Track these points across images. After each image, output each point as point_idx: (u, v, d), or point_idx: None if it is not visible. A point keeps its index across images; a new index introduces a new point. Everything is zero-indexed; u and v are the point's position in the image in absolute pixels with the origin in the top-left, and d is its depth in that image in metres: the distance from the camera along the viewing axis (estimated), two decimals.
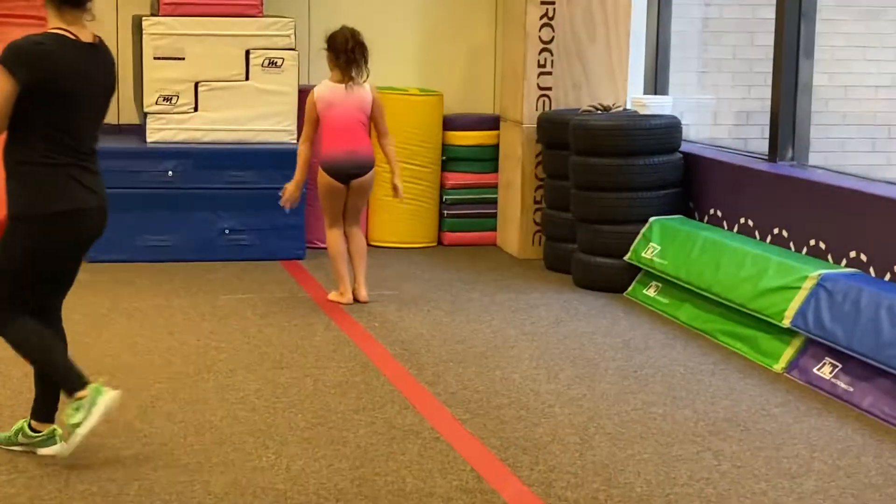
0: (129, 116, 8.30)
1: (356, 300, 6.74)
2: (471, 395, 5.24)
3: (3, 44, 4.65)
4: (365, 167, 6.67)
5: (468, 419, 4.93)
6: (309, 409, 5.00)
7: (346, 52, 6.60)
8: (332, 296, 6.80)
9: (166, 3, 7.75)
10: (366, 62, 6.66)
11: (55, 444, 4.40)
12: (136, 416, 4.84)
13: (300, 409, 4.99)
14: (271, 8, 8.20)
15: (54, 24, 4.24)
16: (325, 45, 6.69)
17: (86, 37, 4.27)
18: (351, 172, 6.64)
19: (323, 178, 6.67)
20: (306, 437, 4.67)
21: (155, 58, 7.75)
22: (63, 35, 4.20)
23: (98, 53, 4.31)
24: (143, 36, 7.72)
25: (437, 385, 5.37)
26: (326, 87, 6.68)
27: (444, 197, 8.55)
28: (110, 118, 8.22)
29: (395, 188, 6.81)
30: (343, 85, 6.63)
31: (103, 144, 8.40)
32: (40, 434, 4.43)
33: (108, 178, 4.19)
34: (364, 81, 6.69)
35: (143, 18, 7.78)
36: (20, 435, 4.45)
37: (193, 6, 7.78)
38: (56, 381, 4.32)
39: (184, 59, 7.78)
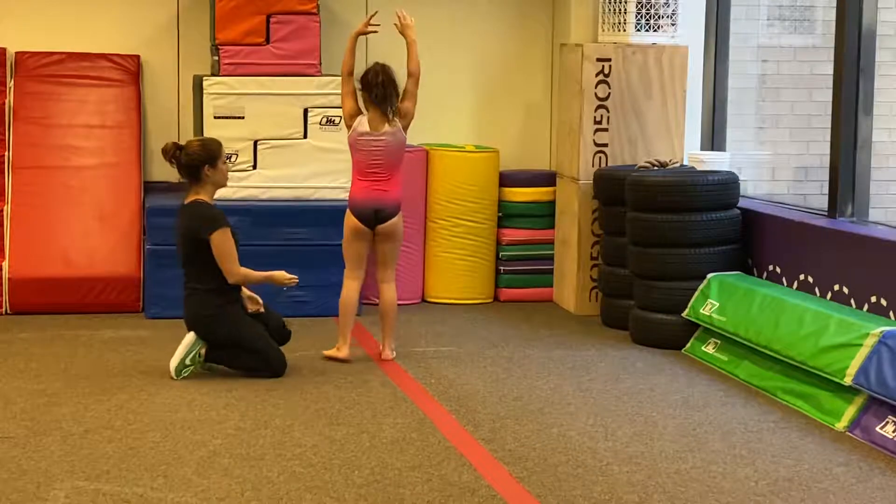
0: None
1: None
2: (528, 453, 5.20)
3: (72, 103, 4.75)
4: (388, 211, 6.60)
5: (525, 477, 4.90)
6: (365, 465, 4.99)
7: (377, 87, 6.51)
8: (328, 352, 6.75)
9: (226, 64, 7.87)
10: (398, 97, 6.56)
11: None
12: (194, 472, 4.86)
13: (357, 466, 4.98)
14: (329, 66, 8.30)
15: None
16: (359, 85, 6.60)
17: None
18: (377, 216, 6.58)
19: (349, 219, 6.65)
20: (363, 494, 4.66)
21: (215, 117, 7.85)
22: None
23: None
24: (204, 95, 7.84)
25: (493, 442, 5.34)
26: (363, 123, 6.60)
27: (501, 253, 8.56)
28: (170, 177, 8.41)
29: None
30: (378, 122, 6.55)
31: (163, 202, 8.46)
32: None
33: (167, 234, 4.27)
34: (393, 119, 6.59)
35: (204, 78, 7.90)
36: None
37: (253, 66, 7.89)
38: None
39: (243, 117, 7.88)
